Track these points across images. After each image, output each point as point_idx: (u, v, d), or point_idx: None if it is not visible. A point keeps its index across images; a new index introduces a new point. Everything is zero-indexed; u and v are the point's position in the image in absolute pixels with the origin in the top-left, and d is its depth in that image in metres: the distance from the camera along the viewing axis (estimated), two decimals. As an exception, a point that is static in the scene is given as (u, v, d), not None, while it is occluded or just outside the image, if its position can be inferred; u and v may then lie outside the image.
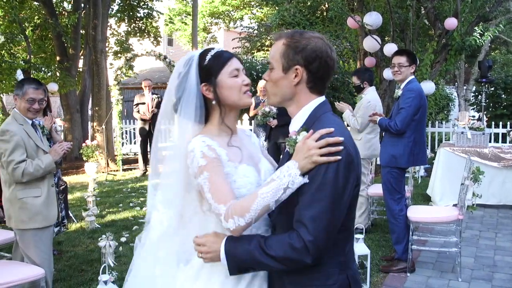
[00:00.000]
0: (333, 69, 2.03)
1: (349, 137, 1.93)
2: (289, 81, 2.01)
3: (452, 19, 9.73)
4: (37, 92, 4.24)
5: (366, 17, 9.63)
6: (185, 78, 2.18)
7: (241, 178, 2.11)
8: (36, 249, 4.19)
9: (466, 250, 6.13)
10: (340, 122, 2.01)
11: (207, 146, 2.07)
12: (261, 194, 1.89)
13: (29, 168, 4.07)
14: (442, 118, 17.29)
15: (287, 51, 1.99)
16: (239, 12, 30.44)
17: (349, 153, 1.86)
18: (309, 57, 1.96)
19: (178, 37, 32.47)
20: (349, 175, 1.86)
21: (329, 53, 1.99)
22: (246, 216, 1.91)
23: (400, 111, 5.38)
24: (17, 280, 3.95)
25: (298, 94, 2.03)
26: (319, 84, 2.03)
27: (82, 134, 14.78)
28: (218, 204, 1.98)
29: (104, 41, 13.82)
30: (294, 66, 1.98)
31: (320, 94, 2.05)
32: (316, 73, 1.98)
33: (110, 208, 8.59)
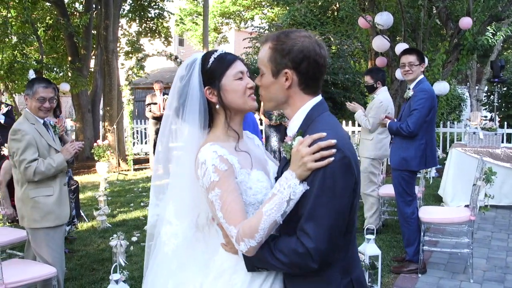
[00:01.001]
0: (325, 67, 1.98)
1: (345, 137, 1.90)
2: (280, 85, 1.97)
3: (466, 18, 9.66)
4: (47, 90, 4.29)
5: (377, 17, 9.60)
6: (187, 82, 2.14)
7: (255, 184, 2.08)
8: (48, 248, 4.22)
9: (478, 251, 6.09)
10: (336, 123, 1.98)
11: (218, 158, 2.01)
12: (265, 212, 1.88)
13: (41, 167, 4.10)
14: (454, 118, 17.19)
15: (274, 55, 1.95)
16: (250, 12, 30.43)
17: (344, 155, 1.82)
18: (297, 59, 1.91)
19: (189, 37, 32.52)
20: (347, 178, 1.84)
21: (318, 51, 1.94)
22: (256, 237, 1.89)
23: (413, 113, 5.30)
24: (29, 278, 3.99)
25: (292, 97, 1.99)
26: (312, 84, 1.98)
27: (94, 134, 14.85)
28: (229, 225, 1.96)
29: (115, 41, 13.87)
30: (283, 70, 1.93)
31: (315, 94, 2.01)
32: (306, 74, 1.94)
33: (121, 208, 8.62)
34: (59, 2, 13.83)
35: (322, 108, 2.00)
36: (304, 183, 1.85)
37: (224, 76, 2.12)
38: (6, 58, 11.45)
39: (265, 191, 2.07)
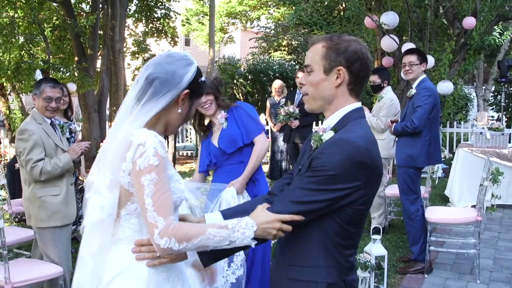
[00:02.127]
0: (371, 71, 2.09)
1: (371, 143, 1.96)
2: (330, 82, 2.01)
3: (470, 18, 9.63)
4: (54, 90, 4.32)
5: (383, 16, 9.57)
6: (181, 73, 2.09)
7: (174, 183, 2.06)
8: (54, 247, 4.24)
9: (485, 252, 6.07)
10: (367, 129, 2.03)
11: (160, 143, 1.96)
12: (209, 234, 1.86)
13: (47, 167, 4.12)
14: (460, 118, 17.13)
15: (328, 52, 1.99)
16: (256, 12, 30.42)
17: (361, 153, 1.90)
18: (351, 58, 1.98)
19: (195, 37, 32.56)
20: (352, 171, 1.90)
21: (367, 55, 2.02)
22: (182, 244, 1.86)
23: (416, 109, 5.38)
24: (36, 278, 4.01)
25: (338, 97, 2.03)
26: (359, 86, 2.04)
27: (100, 134, 14.87)
28: (157, 214, 1.88)
29: (122, 41, 13.91)
30: (337, 67, 1.99)
31: (358, 97, 2.07)
32: (357, 74, 2.00)
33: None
34: (66, 3, 13.87)
35: (360, 114, 2.06)
36: (254, 241, 1.89)
37: (199, 99, 2.23)
38: (13, 58, 11.48)
39: (179, 194, 2.07)
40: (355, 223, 1.98)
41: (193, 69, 2.12)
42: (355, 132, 1.95)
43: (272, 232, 1.88)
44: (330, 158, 1.88)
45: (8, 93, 12.01)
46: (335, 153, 1.88)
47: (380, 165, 1.99)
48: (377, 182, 1.99)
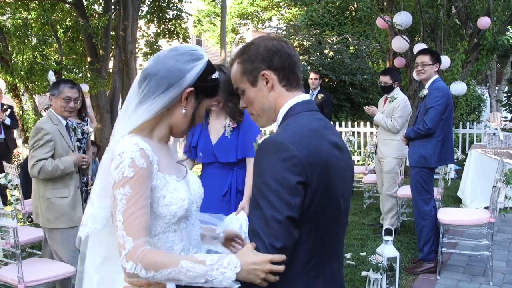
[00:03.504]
0: (297, 56, 1.87)
1: (310, 137, 1.73)
2: (263, 90, 1.85)
3: (485, 18, 9.56)
4: (72, 91, 4.42)
5: (395, 17, 9.53)
6: (184, 69, 1.89)
7: (170, 193, 1.86)
8: (63, 246, 4.30)
9: (498, 254, 6.02)
10: (301, 124, 1.78)
11: (139, 151, 1.78)
12: (181, 267, 1.63)
13: (48, 167, 4.17)
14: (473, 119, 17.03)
15: (245, 66, 1.85)
16: (268, 13, 30.45)
17: (293, 154, 1.66)
18: (267, 57, 1.83)
19: (207, 38, 32.64)
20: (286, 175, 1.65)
21: (281, 44, 1.86)
22: (150, 273, 1.65)
23: (429, 111, 5.38)
24: (49, 277, 4.05)
25: (277, 99, 1.86)
26: (292, 77, 1.86)
27: (112, 135, 14.95)
28: (126, 234, 1.69)
29: (134, 42, 13.97)
30: (260, 73, 1.83)
31: (297, 89, 1.89)
32: (282, 67, 1.84)
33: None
34: (78, 4, 13.94)
35: (303, 107, 1.85)
36: (237, 284, 1.61)
37: (209, 98, 2.01)
38: (27, 60, 11.57)
39: (181, 203, 1.87)
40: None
41: (200, 65, 1.91)
42: (285, 129, 1.76)
43: (260, 276, 1.59)
44: (262, 168, 1.68)
45: (21, 93, 12.09)
46: (263, 160, 1.69)
47: (324, 157, 1.72)
48: (324, 178, 1.71)
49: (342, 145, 1.86)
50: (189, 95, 1.92)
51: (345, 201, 1.85)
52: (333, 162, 1.76)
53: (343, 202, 1.83)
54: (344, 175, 1.84)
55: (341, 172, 1.81)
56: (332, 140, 1.81)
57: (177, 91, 1.88)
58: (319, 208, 1.71)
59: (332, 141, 1.80)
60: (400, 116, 6.60)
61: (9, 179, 6.25)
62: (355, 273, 5.36)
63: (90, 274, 2.01)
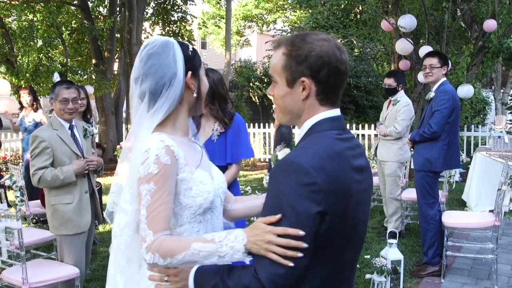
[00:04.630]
0: (346, 74, 1.71)
1: (333, 159, 1.62)
2: (296, 96, 1.71)
3: (491, 21, 9.54)
4: (69, 91, 4.30)
5: (401, 19, 9.52)
6: (170, 62, 1.94)
7: (197, 185, 1.93)
8: (68, 252, 4.28)
9: (503, 257, 6.00)
10: (325, 144, 1.66)
11: (164, 148, 1.85)
12: (193, 249, 1.71)
13: (47, 176, 4.11)
14: (478, 122, 16.98)
15: (288, 62, 1.68)
16: (272, 16, 30.48)
17: (313, 181, 1.55)
18: (315, 65, 1.65)
19: (211, 40, 32.69)
20: (304, 203, 1.55)
21: (339, 56, 1.67)
22: (167, 260, 1.75)
23: (434, 114, 5.34)
24: (53, 279, 4.05)
25: (307, 109, 1.72)
26: (331, 95, 1.71)
27: (117, 136, 14.99)
28: (148, 228, 1.80)
29: (139, 44, 14.01)
30: (300, 79, 1.67)
31: (332, 105, 1.73)
32: (326, 82, 1.67)
33: (143, 210, 8.67)
34: (83, 6, 14.03)
35: (330, 125, 1.71)
36: (247, 256, 1.64)
37: (200, 69, 2.04)
38: (32, 61, 11.63)
39: (206, 195, 1.94)
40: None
41: (178, 50, 1.97)
42: (308, 148, 1.64)
43: (262, 246, 1.57)
44: (280, 189, 1.59)
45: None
46: (282, 181, 1.59)
47: (345, 184, 1.62)
48: (343, 206, 1.61)
49: (365, 166, 1.75)
50: (190, 79, 1.98)
51: (363, 224, 1.76)
52: (355, 187, 1.66)
53: (361, 227, 1.75)
54: (364, 196, 1.74)
55: (362, 194, 1.71)
56: (356, 164, 1.69)
57: (178, 83, 1.94)
58: (335, 235, 1.62)
59: (355, 165, 1.69)
60: (402, 119, 6.56)
61: (14, 180, 6.27)
62: (359, 276, 5.35)
63: (114, 275, 2.08)
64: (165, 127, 1.98)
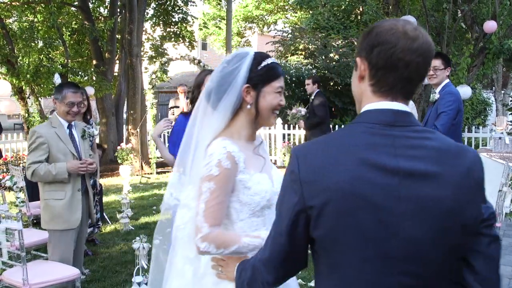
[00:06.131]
0: (405, 61, 1.45)
1: (325, 152, 1.47)
2: (355, 77, 1.57)
3: (491, 22, 9.54)
4: (76, 95, 4.40)
5: (401, 20, 9.53)
6: (234, 71, 2.12)
7: (255, 185, 2.11)
8: (56, 248, 4.36)
9: (504, 259, 5.98)
10: (334, 136, 1.54)
11: (226, 154, 2.03)
12: (243, 242, 2.01)
13: (40, 171, 4.20)
14: (479, 123, 16.98)
15: (359, 41, 1.57)
16: (273, 17, 30.49)
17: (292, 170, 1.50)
18: (370, 44, 1.48)
19: (212, 41, 32.71)
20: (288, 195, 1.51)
21: (398, 39, 1.45)
22: (219, 250, 2.01)
23: (441, 115, 5.29)
24: (53, 280, 4.04)
25: (362, 96, 1.56)
26: (383, 82, 1.49)
27: (117, 137, 15.00)
28: (204, 220, 2.01)
29: (139, 45, 14.02)
30: (357, 58, 1.54)
31: (386, 97, 1.50)
32: (375, 65, 1.48)
33: (143, 210, 8.68)
34: (84, 7, 14.04)
35: (369, 117, 1.50)
36: None
37: (269, 85, 2.15)
38: (33, 62, 11.63)
39: (264, 194, 2.13)
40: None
41: (246, 61, 2.12)
42: (315, 139, 1.56)
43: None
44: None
45: (27, 96, 12.14)
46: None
47: (341, 181, 1.41)
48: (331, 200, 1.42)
49: (410, 170, 1.42)
50: (248, 90, 2.12)
51: (399, 240, 1.41)
52: (365, 188, 1.40)
53: (396, 242, 1.41)
54: (402, 205, 1.41)
55: (393, 201, 1.40)
56: (387, 163, 1.42)
57: (235, 92, 2.11)
58: (332, 238, 1.46)
59: (385, 164, 1.42)
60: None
61: (14, 181, 6.27)
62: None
63: (179, 267, 2.27)
64: (231, 132, 2.16)
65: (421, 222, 1.41)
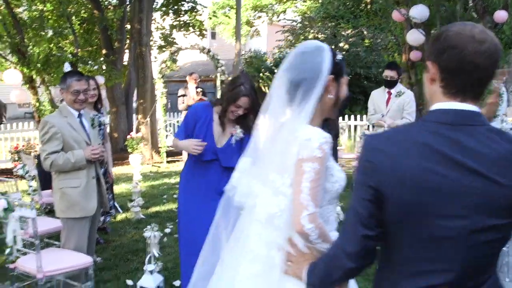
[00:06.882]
0: (474, 64, 1.58)
1: (397, 145, 1.64)
2: (427, 80, 1.71)
3: (501, 11, 9.46)
4: (80, 83, 4.41)
5: (413, 9, 9.45)
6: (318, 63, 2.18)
7: (337, 172, 2.20)
8: (70, 237, 4.39)
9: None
10: (402, 131, 1.72)
11: (325, 139, 2.10)
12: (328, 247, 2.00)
13: (59, 160, 4.22)
14: (489, 114, 16.87)
15: (429, 43, 1.82)
16: (282, 6, 30.36)
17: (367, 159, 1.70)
18: (440, 48, 1.62)
19: (221, 30, 32.65)
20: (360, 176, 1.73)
21: (467, 43, 1.58)
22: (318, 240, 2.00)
23: None
24: (67, 267, 4.11)
25: (433, 96, 1.70)
26: (453, 83, 1.62)
27: (127, 126, 15.04)
28: (311, 199, 2.01)
29: (149, 34, 14.02)
30: (428, 61, 1.67)
31: (455, 97, 1.63)
32: (446, 68, 1.61)
33: (154, 199, 8.73)
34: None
35: (437, 116, 1.65)
36: None
37: (343, 77, 2.30)
38: (43, 52, 11.66)
39: (342, 182, 2.22)
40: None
41: (327, 54, 2.19)
42: (385, 132, 1.77)
43: None
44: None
45: (37, 85, 12.18)
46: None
47: (406, 169, 1.59)
48: (398, 189, 1.61)
49: (470, 166, 1.57)
50: (331, 82, 2.21)
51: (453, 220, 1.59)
52: (432, 178, 1.58)
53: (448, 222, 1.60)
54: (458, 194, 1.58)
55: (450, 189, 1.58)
56: (454, 156, 1.57)
57: (322, 83, 2.17)
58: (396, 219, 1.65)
59: (451, 157, 1.58)
60: (413, 111, 6.66)
61: (26, 170, 6.32)
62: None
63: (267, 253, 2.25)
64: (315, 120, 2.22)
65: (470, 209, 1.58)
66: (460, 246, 1.59)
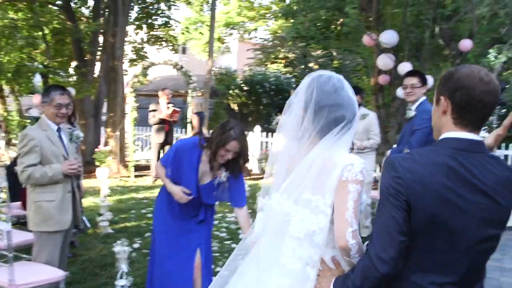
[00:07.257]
0: (484, 103, 1.97)
1: (423, 165, 1.97)
2: (438, 112, 2.07)
3: (467, 40, 9.81)
4: (63, 97, 4.43)
5: (382, 35, 9.73)
6: (342, 92, 2.37)
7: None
8: (43, 250, 4.35)
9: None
10: (423, 153, 2.03)
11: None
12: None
13: (36, 174, 4.21)
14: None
15: (439, 84, 2.08)
16: (254, 24, 30.62)
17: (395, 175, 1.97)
18: (453, 87, 1.99)
19: (192, 46, 32.69)
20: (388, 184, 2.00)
21: (476, 84, 1.95)
22: (356, 255, 2.13)
23: (416, 132, 5.46)
24: (40, 281, 4.07)
25: (444, 126, 2.06)
26: (464, 117, 2.00)
27: (95, 139, 14.92)
28: (354, 217, 2.16)
29: (121, 48, 13.99)
30: (441, 96, 2.04)
31: (465, 128, 2.02)
32: (459, 104, 1.98)
33: (122, 214, 8.68)
34: (67, 7, 13.96)
35: (451, 143, 2.01)
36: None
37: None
38: (13, 61, 11.54)
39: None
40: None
41: (346, 87, 2.39)
42: (409, 153, 2.07)
43: None
44: (382, 180, 2.04)
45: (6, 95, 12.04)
46: (382, 174, 2.05)
47: (430, 186, 1.94)
48: (423, 201, 1.94)
49: (480, 188, 1.95)
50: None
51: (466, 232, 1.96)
52: (449, 195, 1.93)
53: (463, 235, 1.96)
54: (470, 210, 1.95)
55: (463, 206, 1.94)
56: (466, 177, 1.94)
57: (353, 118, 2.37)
58: (422, 228, 1.95)
59: (465, 178, 1.94)
60: (378, 131, 7.20)
61: (-5, 181, 6.24)
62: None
63: (302, 268, 2.35)
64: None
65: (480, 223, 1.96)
66: (469, 252, 1.97)
